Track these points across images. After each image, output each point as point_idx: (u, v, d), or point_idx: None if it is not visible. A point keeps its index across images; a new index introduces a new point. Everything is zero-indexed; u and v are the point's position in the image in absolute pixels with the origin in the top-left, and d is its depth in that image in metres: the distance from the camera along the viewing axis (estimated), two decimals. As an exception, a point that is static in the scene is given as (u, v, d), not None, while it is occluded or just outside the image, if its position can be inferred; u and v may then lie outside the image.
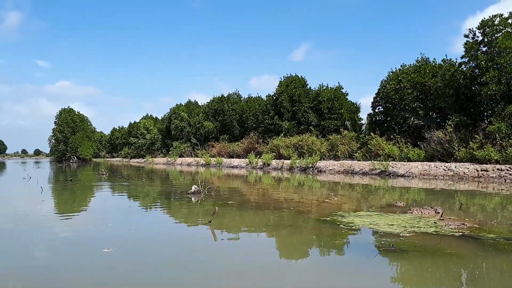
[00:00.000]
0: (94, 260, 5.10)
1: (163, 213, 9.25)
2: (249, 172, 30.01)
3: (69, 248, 5.75)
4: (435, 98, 25.48)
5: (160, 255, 5.46)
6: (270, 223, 7.61)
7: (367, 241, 6.17)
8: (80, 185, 18.60)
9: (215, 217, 7.48)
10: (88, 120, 77.03)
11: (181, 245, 6.07)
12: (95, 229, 7.30)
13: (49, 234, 6.73)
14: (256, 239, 6.48)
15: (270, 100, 40.74)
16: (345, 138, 31.14)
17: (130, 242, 6.14)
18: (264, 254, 5.57)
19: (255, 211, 9.03)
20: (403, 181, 19.74)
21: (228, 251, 5.74)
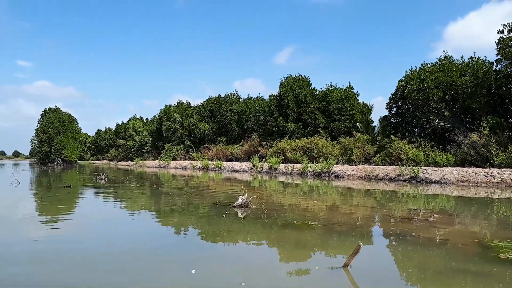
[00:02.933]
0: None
1: (240, 250, 6.24)
2: (254, 177, 27.52)
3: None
4: (464, 99, 23.53)
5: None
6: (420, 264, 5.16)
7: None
8: (83, 194, 15.89)
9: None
10: (75, 121, 73.12)
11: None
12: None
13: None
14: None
15: (274, 101, 38.35)
16: (359, 141, 28.97)
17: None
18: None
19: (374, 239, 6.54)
20: (438, 188, 17.61)
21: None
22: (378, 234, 6.74)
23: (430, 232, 6.71)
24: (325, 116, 34.82)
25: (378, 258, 5.21)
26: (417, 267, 4.81)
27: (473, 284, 4.22)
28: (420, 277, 4.43)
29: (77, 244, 6.09)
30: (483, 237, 6.53)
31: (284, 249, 5.90)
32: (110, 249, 5.72)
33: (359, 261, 4.74)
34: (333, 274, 4.48)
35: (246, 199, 9.36)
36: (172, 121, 58.83)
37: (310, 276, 4.45)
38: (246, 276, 4.39)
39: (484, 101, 22.44)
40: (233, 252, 5.66)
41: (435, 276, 4.44)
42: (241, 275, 4.42)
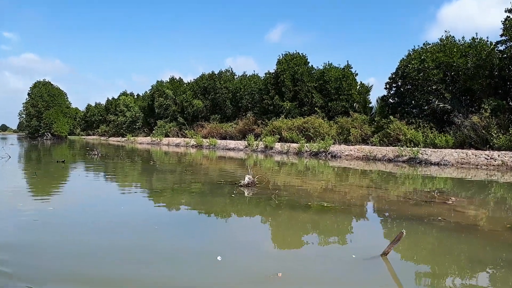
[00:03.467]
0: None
1: (257, 229, 6.00)
2: (250, 155, 27.13)
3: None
4: (465, 80, 23.16)
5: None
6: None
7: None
8: (78, 169, 15.31)
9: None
10: (65, 95, 71.25)
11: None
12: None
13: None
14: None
15: (270, 79, 37.56)
16: (357, 121, 28.61)
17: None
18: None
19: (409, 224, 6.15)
20: (438, 170, 17.42)
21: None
22: (403, 218, 6.34)
23: (455, 217, 6.39)
24: (322, 95, 34.28)
25: (412, 245, 4.80)
26: (456, 255, 4.47)
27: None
28: (464, 267, 4.07)
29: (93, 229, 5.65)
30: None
31: (312, 235, 5.46)
32: (123, 232, 5.29)
33: (394, 249, 4.37)
34: (372, 263, 4.09)
35: (252, 179, 8.93)
36: (164, 97, 57.73)
37: (348, 266, 4.05)
38: (281, 265, 3.95)
39: (486, 82, 22.09)
40: (258, 238, 5.22)
41: (479, 267, 4.08)
42: (274, 264, 3.98)
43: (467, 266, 4.08)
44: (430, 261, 4.26)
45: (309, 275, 3.70)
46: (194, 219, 6.07)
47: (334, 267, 3.95)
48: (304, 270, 3.86)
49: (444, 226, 5.75)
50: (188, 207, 7.02)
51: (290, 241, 5.00)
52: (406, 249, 4.51)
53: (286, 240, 5.03)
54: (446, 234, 5.38)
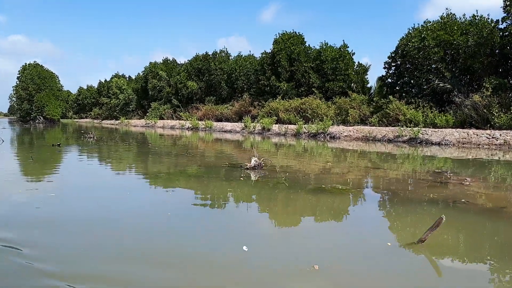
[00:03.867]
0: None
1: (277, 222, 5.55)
2: (247, 137, 26.82)
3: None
4: (465, 59, 22.85)
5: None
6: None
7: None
8: (75, 153, 14.89)
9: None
10: (56, 77, 69.68)
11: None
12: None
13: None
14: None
15: (266, 59, 36.90)
16: (355, 102, 28.31)
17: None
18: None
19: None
20: (440, 150, 17.28)
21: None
22: (425, 201, 6.07)
23: (477, 198, 6.17)
24: (319, 75, 33.82)
25: (446, 230, 4.52)
26: (492, 240, 4.25)
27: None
28: (503, 253, 3.84)
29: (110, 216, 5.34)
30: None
31: (338, 221, 5.07)
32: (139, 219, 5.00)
33: (421, 233, 4.13)
34: (409, 251, 3.81)
35: (259, 161, 8.64)
36: (158, 79, 56.83)
37: (386, 255, 3.74)
38: (313, 256, 3.63)
39: (487, 61, 21.81)
40: (281, 225, 4.87)
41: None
42: (306, 255, 3.67)
43: (506, 252, 3.86)
44: (467, 247, 4.01)
45: (346, 267, 3.41)
46: (209, 205, 5.77)
47: (372, 257, 3.65)
48: (339, 261, 3.56)
49: (471, 209, 5.51)
50: (199, 193, 6.69)
51: (317, 229, 4.67)
52: (441, 235, 4.26)
53: (312, 228, 4.68)
54: (475, 217, 5.14)
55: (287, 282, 3.08)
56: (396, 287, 3.06)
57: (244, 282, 3.09)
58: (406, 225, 4.82)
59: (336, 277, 3.19)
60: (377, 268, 3.40)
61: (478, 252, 3.87)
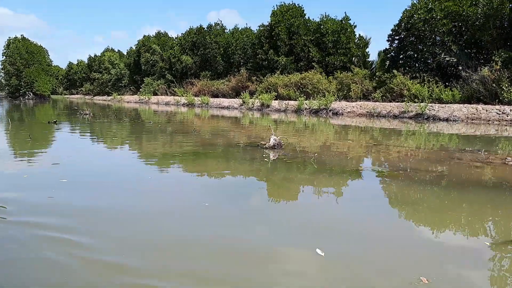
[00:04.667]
0: None
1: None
2: (245, 114, 26.06)
3: None
4: (474, 31, 22.02)
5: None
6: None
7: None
8: (76, 132, 14.08)
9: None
10: (46, 52, 67.31)
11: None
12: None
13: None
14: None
15: (264, 32, 35.61)
16: (357, 76, 27.49)
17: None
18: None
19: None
20: (447, 125, 16.77)
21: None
22: (482, 186, 5.50)
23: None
24: (319, 49, 32.78)
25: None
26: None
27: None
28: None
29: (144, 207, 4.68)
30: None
31: (409, 218, 4.25)
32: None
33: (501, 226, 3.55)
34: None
35: (278, 140, 7.97)
36: (151, 53, 55.18)
37: (497, 261, 3.10)
38: (409, 264, 3.01)
39: (496, 33, 21.02)
40: (343, 220, 4.06)
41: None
42: (400, 263, 3.04)
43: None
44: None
45: (458, 278, 2.78)
46: (243, 194, 5.01)
47: (482, 265, 2.99)
48: (446, 272, 2.86)
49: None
50: (228, 178, 5.99)
51: (389, 226, 3.92)
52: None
53: (383, 224, 3.95)
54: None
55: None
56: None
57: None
58: (485, 217, 4.19)
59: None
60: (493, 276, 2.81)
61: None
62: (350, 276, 2.74)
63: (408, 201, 4.74)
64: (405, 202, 4.70)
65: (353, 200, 4.79)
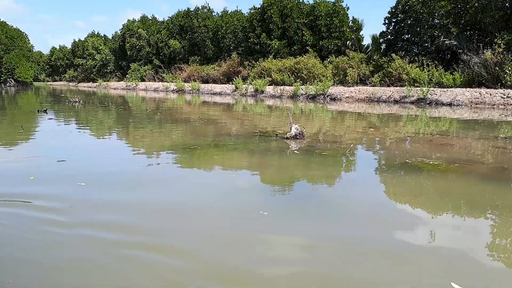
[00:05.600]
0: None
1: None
2: (238, 100, 25.24)
3: None
4: (475, 13, 21.49)
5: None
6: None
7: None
8: (70, 122, 13.09)
9: None
10: (26, 37, 64.60)
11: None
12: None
13: None
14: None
15: (256, 15, 34.50)
16: (353, 61, 26.82)
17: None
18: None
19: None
20: (449, 110, 16.33)
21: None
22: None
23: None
24: (313, 33, 31.94)
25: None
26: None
27: None
28: None
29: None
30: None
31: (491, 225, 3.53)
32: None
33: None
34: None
35: (300, 129, 7.26)
36: (136, 37, 53.46)
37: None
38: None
39: (498, 15, 20.52)
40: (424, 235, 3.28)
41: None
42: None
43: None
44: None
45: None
46: (303, 198, 4.12)
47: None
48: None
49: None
50: (265, 176, 5.19)
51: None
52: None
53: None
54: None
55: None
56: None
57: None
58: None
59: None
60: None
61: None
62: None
63: (495, 200, 4.14)
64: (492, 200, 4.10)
65: (457, 207, 4.11)
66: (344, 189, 4.67)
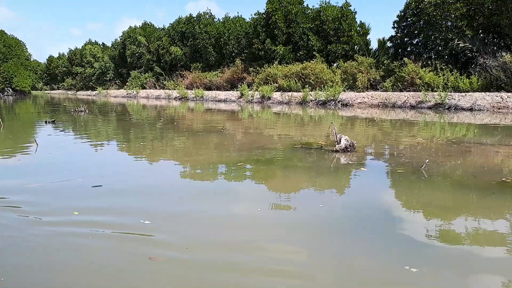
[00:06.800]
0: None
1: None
2: (245, 107, 24.45)
3: None
4: (490, 15, 20.91)
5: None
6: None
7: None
8: (82, 134, 12.29)
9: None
10: (24, 45, 63.77)
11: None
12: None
13: None
14: None
15: (260, 20, 33.89)
16: (363, 65, 26.16)
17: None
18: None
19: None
20: (470, 115, 15.63)
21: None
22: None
23: None
24: (319, 37, 31.32)
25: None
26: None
27: None
28: None
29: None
30: None
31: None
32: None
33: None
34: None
35: (351, 141, 6.45)
36: (137, 45, 52.79)
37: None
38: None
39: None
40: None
41: None
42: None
43: None
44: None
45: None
46: (406, 240, 3.40)
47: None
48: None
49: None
50: (346, 205, 4.16)
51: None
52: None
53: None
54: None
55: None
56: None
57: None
58: None
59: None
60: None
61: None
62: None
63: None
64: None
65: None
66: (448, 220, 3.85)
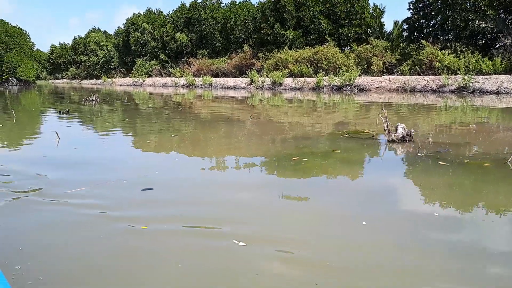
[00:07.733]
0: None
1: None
2: (255, 94, 23.73)
3: None
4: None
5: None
6: None
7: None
8: (103, 124, 11.70)
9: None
10: (27, 35, 62.89)
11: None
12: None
13: None
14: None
15: (269, 4, 32.95)
16: (377, 49, 25.33)
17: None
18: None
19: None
20: (496, 99, 14.92)
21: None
22: None
23: None
24: (331, 21, 30.39)
25: None
26: None
27: None
28: None
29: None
30: None
31: None
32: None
33: None
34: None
35: (408, 130, 5.83)
36: (141, 32, 51.84)
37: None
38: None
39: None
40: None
41: None
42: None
43: None
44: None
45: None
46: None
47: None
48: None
49: None
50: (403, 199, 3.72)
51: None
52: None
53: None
54: None
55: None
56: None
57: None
58: None
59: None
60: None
61: None
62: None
63: None
64: None
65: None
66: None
